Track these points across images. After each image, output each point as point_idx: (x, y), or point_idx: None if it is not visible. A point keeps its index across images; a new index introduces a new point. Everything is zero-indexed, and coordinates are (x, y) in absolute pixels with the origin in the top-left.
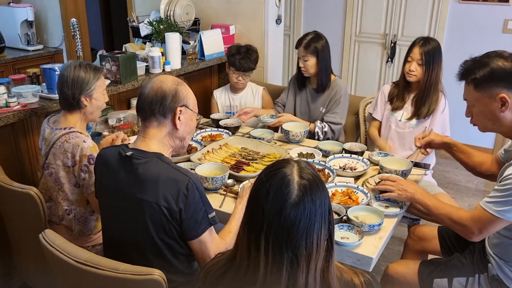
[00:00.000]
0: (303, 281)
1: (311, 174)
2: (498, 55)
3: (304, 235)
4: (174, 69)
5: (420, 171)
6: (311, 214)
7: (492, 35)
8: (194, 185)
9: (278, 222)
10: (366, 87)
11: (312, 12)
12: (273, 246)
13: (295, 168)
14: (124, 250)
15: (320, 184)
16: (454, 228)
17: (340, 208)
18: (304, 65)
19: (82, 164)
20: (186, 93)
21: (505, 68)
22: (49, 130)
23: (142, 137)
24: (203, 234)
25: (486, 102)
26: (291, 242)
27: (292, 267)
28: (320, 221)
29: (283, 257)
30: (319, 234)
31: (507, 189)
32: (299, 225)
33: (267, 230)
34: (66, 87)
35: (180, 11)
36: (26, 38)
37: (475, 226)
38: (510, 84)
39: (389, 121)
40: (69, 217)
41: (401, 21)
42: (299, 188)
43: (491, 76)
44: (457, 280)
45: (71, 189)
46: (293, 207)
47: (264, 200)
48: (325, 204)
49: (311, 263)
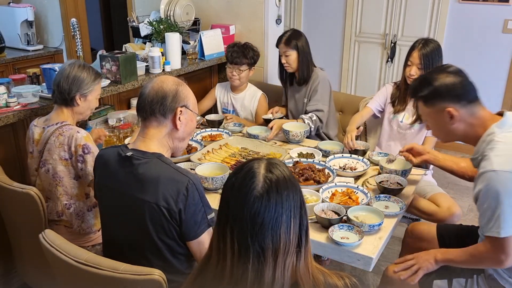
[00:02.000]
0: (270, 276)
1: (281, 171)
2: (441, 71)
3: (270, 229)
4: (174, 69)
5: (420, 171)
6: (277, 208)
7: (492, 35)
8: (194, 186)
9: (241, 214)
10: (366, 87)
11: (312, 12)
12: (238, 238)
13: (264, 163)
14: (123, 250)
15: (290, 181)
16: (486, 263)
17: (340, 208)
18: (287, 61)
19: (78, 154)
20: (186, 93)
21: (447, 84)
22: (40, 130)
23: (141, 137)
24: (202, 235)
25: (436, 116)
26: (255, 235)
27: (259, 261)
28: (288, 215)
29: (248, 250)
30: (287, 230)
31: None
32: (263, 217)
33: (232, 222)
34: (66, 82)
35: (180, 11)
36: (26, 38)
37: (497, 253)
38: (454, 97)
39: (391, 122)
40: (69, 211)
41: (401, 21)
42: (264, 181)
43: (436, 93)
44: (457, 280)
45: (71, 182)
46: (257, 199)
47: (230, 192)
48: (294, 199)
49: (278, 258)
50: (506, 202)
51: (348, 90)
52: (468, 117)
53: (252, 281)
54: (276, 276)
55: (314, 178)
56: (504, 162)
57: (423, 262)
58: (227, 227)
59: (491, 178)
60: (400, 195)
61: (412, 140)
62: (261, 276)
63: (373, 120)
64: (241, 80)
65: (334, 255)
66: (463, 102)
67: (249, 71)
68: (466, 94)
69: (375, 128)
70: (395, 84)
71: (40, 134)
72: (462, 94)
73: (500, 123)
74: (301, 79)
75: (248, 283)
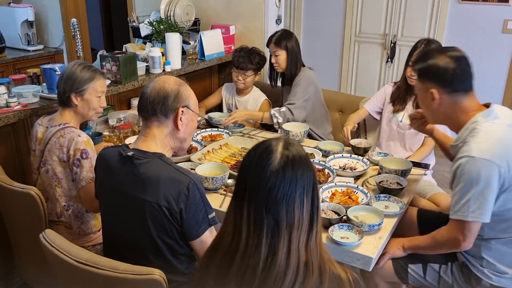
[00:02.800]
0: (285, 251)
1: (298, 150)
2: (442, 52)
3: (284, 203)
4: (174, 69)
5: (420, 171)
6: (292, 183)
7: (492, 35)
8: (195, 186)
9: (258, 187)
10: (366, 87)
11: (312, 12)
12: (254, 211)
13: (282, 141)
14: (124, 250)
15: (305, 160)
16: (445, 246)
17: (340, 208)
18: (276, 60)
19: (75, 158)
20: (187, 94)
21: (439, 66)
22: (43, 129)
23: (143, 137)
24: (204, 234)
25: (422, 93)
26: (270, 208)
27: (273, 235)
28: (302, 192)
29: (263, 223)
30: (300, 206)
31: (458, 191)
32: (277, 191)
33: (249, 196)
34: (61, 82)
35: (180, 11)
36: (27, 38)
37: (457, 235)
38: (441, 81)
39: (390, 122)
40: (68, 212)
41: (401, 21)
42: (281, 157)
43: (426, 71)
44: (431, 266)
45: (70, 184)
46: (273, 173)
47: (248, 167)
48: (308, 178)
49: (292, 233)
50: (478, 188)
51: (348, 90)
52: (450, 104)
53: (265, 256)
54: (291, 251)
55: None
56: (483, 150)
57: (390, 248)
58: (244, 200)
59: (468, 163)
60: (400, 195)
61: (411, 140)
62: (275, 251)
63: (373, 120)
64: (246, 85)
65: (334, 255)
66: (448, 89)
67: (255, 76)
68: (454, 83)
69: (374, 128)
70: (395, 84)
71: (43, 133)
72: (449, 81)
73: (485, 113)
74: (288, 79)
75: (261, 257)
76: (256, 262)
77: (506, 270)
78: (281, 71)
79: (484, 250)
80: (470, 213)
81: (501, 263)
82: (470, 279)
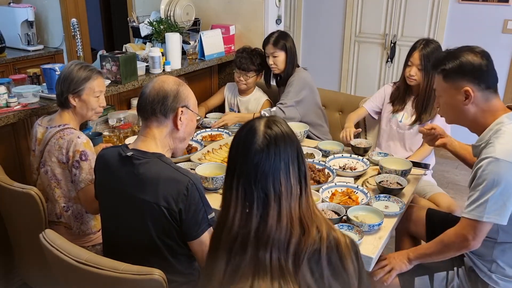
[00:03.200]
0: (275, 218)
1: (279, 127)
2: (470, 50)
3: (271, 175)
4: (174, 69)
5: (420, 171)
6: (275, 158)
7: (492, 35)
8: (194, 186)
9: (245, 165)
10: (366, 87)
11: (312, 12)
12: (243, 185)
13: (264, 121)
14: (124, 250)
15: (287, 134)
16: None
17: (340, 208)
18: (274, 62)
19: (74, 159)
20: (187, 93)
21: (473, 63)
22: (43, 129)
23: (142, 137)
24: (203, 235)
25: (452, 93)
26: (258, 182)
27: (264, 206)
28: (287, 163)
29: (253, 196)
30: (287, 176)
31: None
32: (263, 166)
33: (238, 172)
34: (58, 83)
35: (180, 11)
36: (27, 38)
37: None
38: (475, 78)
39: (390, 122)
40: (67, 213)
41: (401, 21)
42: (264, 136)
43: (459, 69)
44: (438, 275)
45: (69, 185)
46: (257, 152)
47: (236, 147)
48: (291, 150)
49: (281, 201)
50: (498, 190)
51: (348, 90)
52: (482, 102)
53: (256, 226)
54: (282, 217)
55: (314, 178)
56: (507, 152)
57: (396, 263)
58: (234, 178)
59: (491, 164)
60: (400, 195)
61: (411, 140)
62: (266, 219)
63: (373, 119)
64: (248, 86)
65: None
66: (483, 86)
67: (256, 77)
68: (488, 79)
69: (374, 128)
70: (394, 84)
71: (42, 134)
72: (484, 77)
73: (511, 114)
74: (285, 80)
75: (252, 227)
76: (247, 231)
77: None
78: (278, 72)
79: (497, 254)
80: (486, 214)
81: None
82: (477, 284)
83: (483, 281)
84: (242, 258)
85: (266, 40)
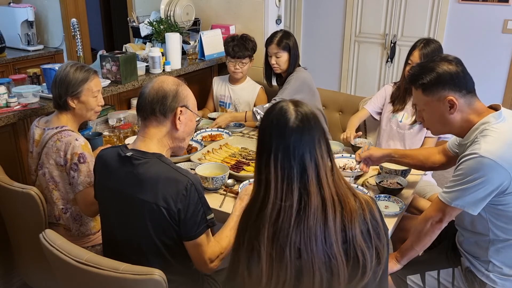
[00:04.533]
0: (317, 189)
1: (306, 106)
2: (443, 59)
3: (308, 149)
4: (174, 69)
5: (419, 171)
6: (310, 132)
7: (492, 35)
8: (194, 186)
9: (283, 140)
10: (366, 87)
11: (312, 12)
12: (282, 162)
13: (290, 102)
14: (123, 250)
15: (313, 114)
16: (427, 232)
17: None
18: (277, 62)
19: (72, 162)
20: (186, 93)
21: (451, 71)
22: (40, 131)
23: (141, 137)
24: (200, 237)
25: (435, 105)
26: (296, 156)
27: (302, 178)
28: (319, 138)
29: (293, 170)
30: (320, 148)
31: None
32: (300, 140)
33: (274, 151)
34: (54, 86)
35: (180, 11)
36: (27, 38)
37: (438, 214)
38: (456, 86)
39: (390, 122)
40: (66, 215)
41: (401, 21)
42: (296, 114)
43: (438, 80)
44: (429, 274)
45: (67, 187)
46: (293, 128)
47: (269, 127)
48: (320, 127)
49: (320, 171)
50: (475, 182)
51: (348, 90)
52: (466, 107)
53: (299, 198)
54: (323, 187)
55: None
56: (491, 150)
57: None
58: (270, 156)
59: (475, 159)
60: (400, 195)
61: (411, 140)
62: (308, 190)
63: (373, 120)
64: (243, 73)
65: None
66: (464, 91)
67: (250, 63)
68: (467, 83)
69: (374, 128)
70: (395, 84)
71: (40, 135)
72: (463, 83)
73: (497, 114)
74: (285, 79)
75: (294, 199)
76: (290, 204)
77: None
78: (280, 72)
79: (492, 254)
80: (456, 201)
81: (508, 266)
82: (474, 284)
83: (481, 280)
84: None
85: (270, 39)
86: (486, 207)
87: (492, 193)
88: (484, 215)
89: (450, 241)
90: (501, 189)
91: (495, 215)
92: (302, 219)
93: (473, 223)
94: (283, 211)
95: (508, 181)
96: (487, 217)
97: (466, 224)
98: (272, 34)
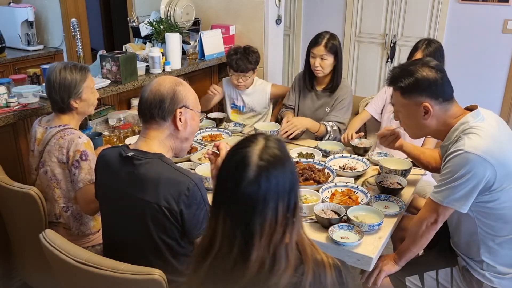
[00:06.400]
0: (256, 253)
1: (272, 155)
2: (424, 64)
3: (258, 214)
4: (174, 69)
5: (419, 171)
6: (267, 194)
7: (492, 35)
8: (196, 186)
9: (235, 197)
10: (366, 87)
11: (312, 12)
12: (230, 218)
13: (258, 150)
14: (124, 250)
15: (281, 163)
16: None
17: (340, 208)
18: (321, 64)
19: (74, 159)
20: (185, 93)
21: (429, 78)
22: (42, 129)
23: (143, 138)
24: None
25: (411, 109)
26: (244, 217)
27: (246, 240)
28: (276, 201)
29: (237, 230)
30: (275, 212)
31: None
32: (253, 203)
33: (224, 205)
34: (54, 92)
35: (180, 11)
36: (27, 38)
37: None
38: (433, 93)
39: (390, 122)
40: (67, 214)
41: (401, 21)
42: (256, 170)
43: (416, 85)
44: (427, 274)
45: (69, 185)
46: (248, 185)
47: (225, 177)
48: (284, 182)
49: (263, 236)
50: (463, 179)
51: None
52: (442, 113)
53: (235, 258)
54: (260, 253)
55: (314, 178)
56: (475, 146)
57: (384, 265)
58: (220, 208)
59: (461, 155)
60: (400, 195)
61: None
62: (247, 256)
63: (374, 121)
64: (247, 86)
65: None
66: (440, 99)
67: (254, 74)
68: (444, 91)
69: (375, 129)
70: None
71: (42, 134)
72: (441, 91)
73: (475, 113)
74: (332, 87)
75: (232, 259)
76: (228, 260)
77: (507, 270)
78: (322, 76)
79: (484, 254)
80: (447, 199)
81: (501, 264)
82: (471, 283)
83: (478, 279)
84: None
85: (315, 41)
86: (473, 207)
87: (478, 187)
88: (471, 214)
89: (447, 241)
90: (487, 183)
91: (483, 214)
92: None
93: (461, 223)
94: (221, 266)
95: (493, 176)
96: (474, 216)
97: (454, 225)
98: (317, 35)
